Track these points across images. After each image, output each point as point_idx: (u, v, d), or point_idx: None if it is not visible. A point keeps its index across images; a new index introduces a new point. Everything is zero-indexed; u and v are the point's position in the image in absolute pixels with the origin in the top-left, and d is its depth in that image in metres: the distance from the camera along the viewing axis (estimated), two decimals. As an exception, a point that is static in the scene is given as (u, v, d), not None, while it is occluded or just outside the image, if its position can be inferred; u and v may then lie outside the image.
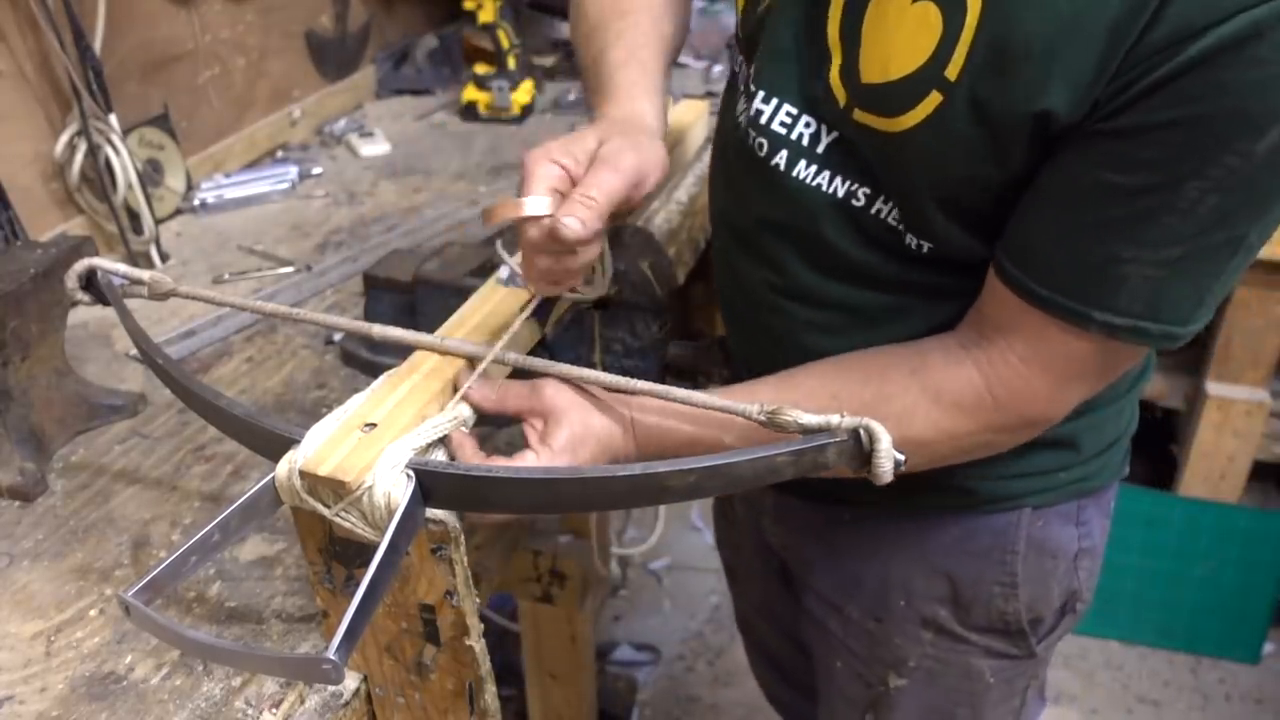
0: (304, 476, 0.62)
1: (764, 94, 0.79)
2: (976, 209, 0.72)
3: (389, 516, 0.60)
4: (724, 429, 0.73)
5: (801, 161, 0.78)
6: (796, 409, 0.61)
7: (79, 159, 1.26)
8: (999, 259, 0.71)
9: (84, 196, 1.29)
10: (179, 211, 1.44)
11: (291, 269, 1.27)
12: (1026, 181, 0.68)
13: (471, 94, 1.78)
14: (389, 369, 0.72)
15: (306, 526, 0.65)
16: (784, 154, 0.79)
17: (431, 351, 0.74)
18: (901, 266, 0.78)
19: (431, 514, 0.62)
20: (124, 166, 1.26)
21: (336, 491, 0.61)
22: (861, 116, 0.73)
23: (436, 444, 0.66)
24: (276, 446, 0.65)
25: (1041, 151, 0.66)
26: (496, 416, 0.73)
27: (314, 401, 1.01)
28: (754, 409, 0.63)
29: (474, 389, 0.70)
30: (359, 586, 0.55)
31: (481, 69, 1.81)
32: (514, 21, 1.84)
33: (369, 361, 1.03)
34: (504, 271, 0.84)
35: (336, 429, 0.65)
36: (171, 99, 1.43)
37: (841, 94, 0.74)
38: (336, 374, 1.05)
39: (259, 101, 1.63)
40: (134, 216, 1.29)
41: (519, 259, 0.79)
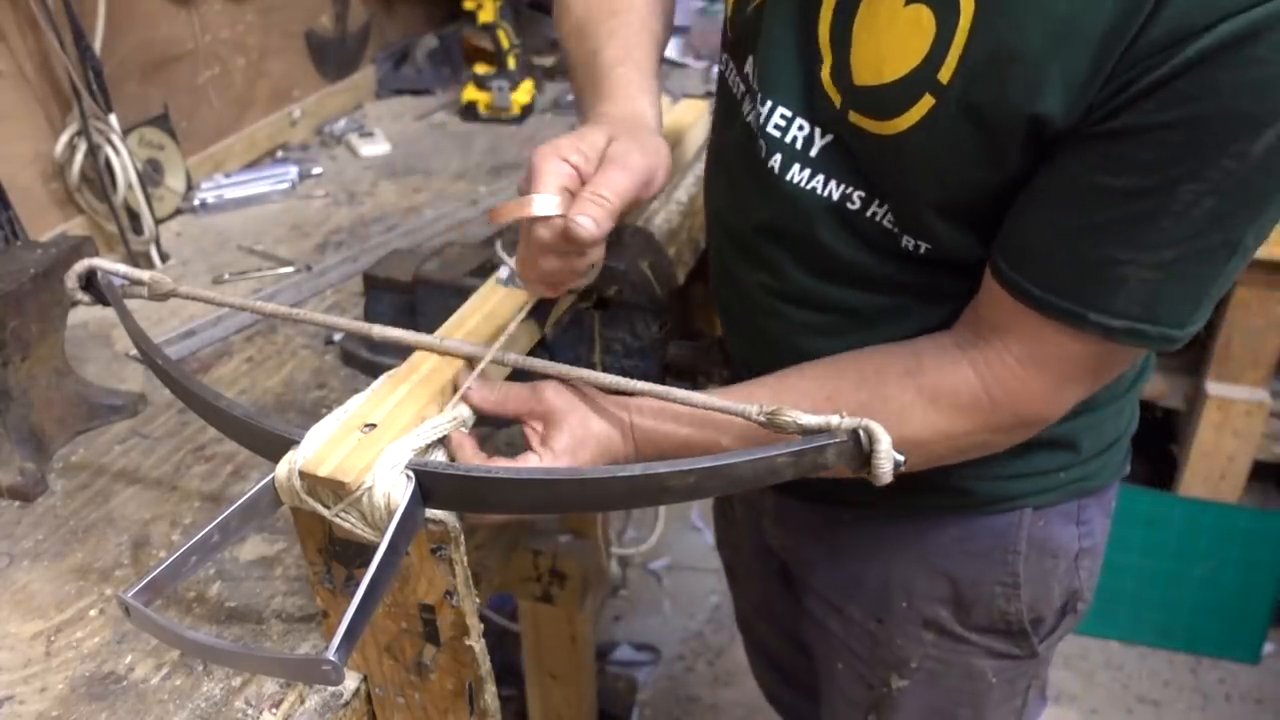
0: (304, 477, 0.62)
1: (761, 95, 0.79)
2: (973, 209, 0.71)
3: (389, 517, 0.60)
4: (723, 431, 0.73)
5: (795, 165, 0.78)
6: (796, 409, 0.61)
7: (79, 159, 1.26)
8: (995, 260, 0.71)
9: (84, 196, 1.29)
10: (179, 211, 1.44)
11: (291, 269, 1.27)
12: (1024, 181, 0.68)
13: (471, 94, 1.78)
14: (389, 369, 0.72)
15: (306, 527, 0.65)
16: (779, 157, 0.79)
17: (431, 352, 0.74)
18: (897, 268, 0.78)
19: (431, 514, 0.62)
20: (124, 166, 1.26)
21: (336, 492, 0.62)
22: (856, 119, 0.72)
23: (436, 444, 0.66)
24: (276, 447, 0.65)
25: (1038, 153, 0.66)
26: (496, 417, 0.73)
27: (314, 402, 1.01)
28: (753, 409, 0.63)
29: (475, 390, 0.70)
30: (359, 587, 0.55)
31: (481, 69, 1.81)
32: (514, 21, 1.84)
33: (369, 361, 1.03)
34: (504, 271, 0.84)
35: (336, 429, 0.65)
36: (171, 99, 1.43)
37: (836, 96, 0.74)
38: (336, 374, 1.05)
39: (259, 101, 1.63)
40: (134, 216, 1.29)
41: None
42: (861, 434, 0.59)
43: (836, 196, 0.77)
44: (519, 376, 0.75)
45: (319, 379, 1.05)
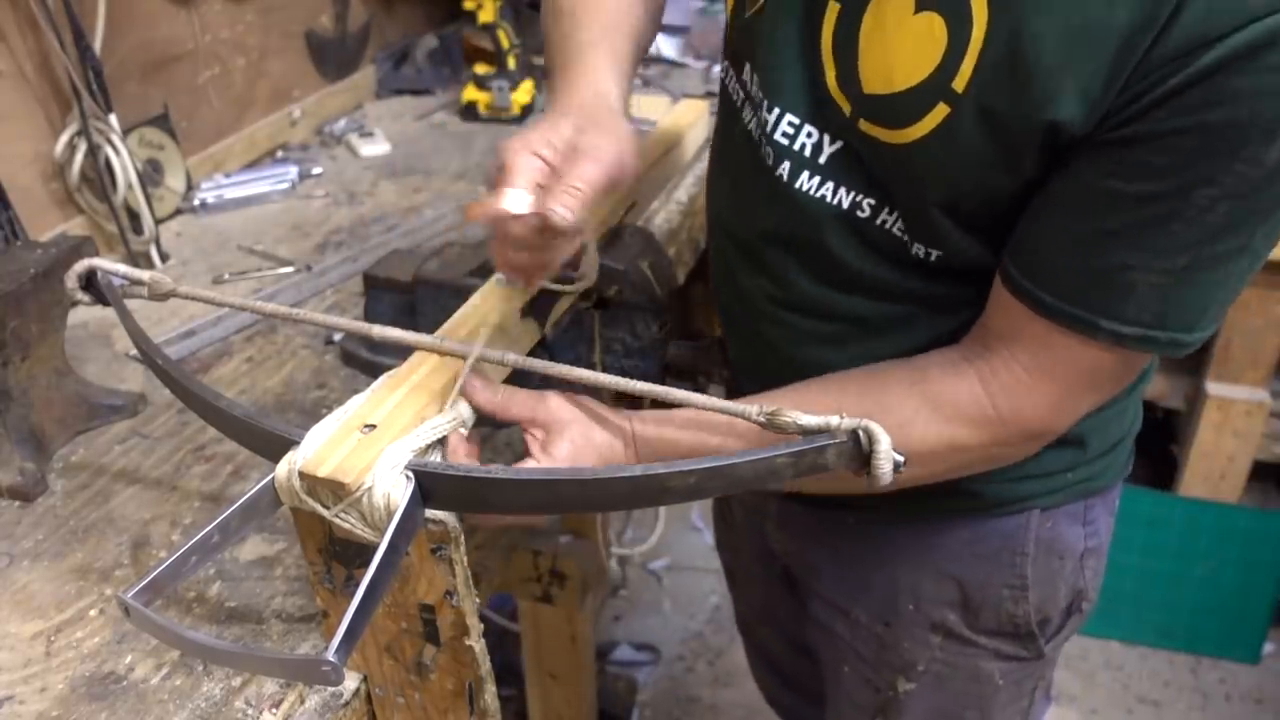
0: (304, 477, 0.62)
1: (768, 103, 0.78)
2: (985, 215, 0.71)
3: (388, 517, 0.60)
4: (725, 437, 0.73)
5: (804, 173, 0.78)
6: (796, 410, 0.61)
7: (79, 159, 1.26)
8: (1005, 267, 0.71)
9: (84, 196, 1.29)
10: (179, 211, 1.44)
11: (291, 269, 1.27)
12: (1037, 186, 0.68)
13: (471, 94, 1.78)
14: (389, 369, 0.72)
15: (306, 527, 0.65)
16: (787, 165, 0.78)
17: (431, 352, 0.74)
18: (906, 276, 0.78)
19: (431, 514, 0.62)
20: (124, 166, 1.26)
21: (336, 492, 0.62)
22: (867, 127, 0.72)
23: (436, 445, 0.66)
24: (276, 447, 0.65)
25: (1052, 159, 0.66)
26: (498, 420, 0.73)
27: (314, 402, 1.01)
28: (753, 410, 0.63)
29: (479, 391, 0.70)
30: (359, 587, 0.55)
31: (481, 69, 1.81)
32: (514, 21, 1.83)
33: (369, 362, 1.03)
34: (504, 271, 0.84)
35: (336, 430, 0.65)
36: (171, 99, 1.43)
37: (845, 104, 0.73)
38: (336, 374, 1.05)
39: (259, 101, 1.63)
40: (134, 216, 1.29)
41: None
42: (861, 434, 0.59)
43: (846, 204, 0.77)
44: (518, 376, 0.75)
45: (319, 379, 1.05)
